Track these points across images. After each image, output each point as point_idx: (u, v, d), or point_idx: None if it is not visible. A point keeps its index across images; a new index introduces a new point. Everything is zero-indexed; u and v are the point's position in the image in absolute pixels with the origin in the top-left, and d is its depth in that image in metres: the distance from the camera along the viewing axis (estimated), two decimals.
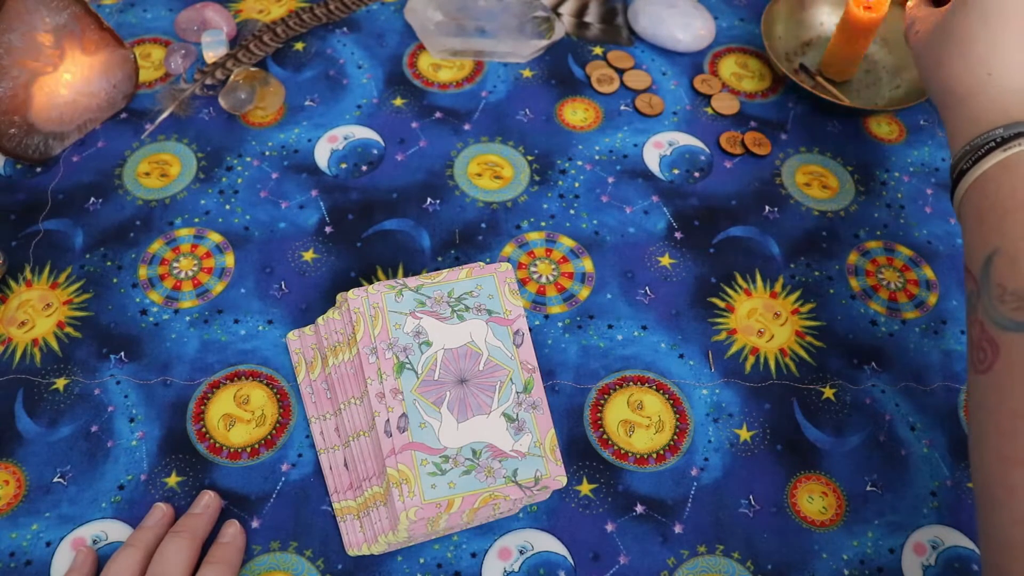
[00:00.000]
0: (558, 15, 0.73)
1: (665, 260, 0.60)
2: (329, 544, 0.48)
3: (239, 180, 0.62)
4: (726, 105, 0.69)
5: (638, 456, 0.52)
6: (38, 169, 0.62)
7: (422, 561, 0.48)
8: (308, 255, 0.59)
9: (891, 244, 0.62)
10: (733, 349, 0.56)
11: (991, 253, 0.43)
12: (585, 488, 0.51)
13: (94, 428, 0.51)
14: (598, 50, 0.72)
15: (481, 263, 0.53)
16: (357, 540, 0.48)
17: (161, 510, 0.48)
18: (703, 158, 0.66)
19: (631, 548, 0.49)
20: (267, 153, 0.64)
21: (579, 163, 0.64)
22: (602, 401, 0.54)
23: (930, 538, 0.50)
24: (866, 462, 0.52)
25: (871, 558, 0.49)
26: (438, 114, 0.67)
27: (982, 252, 0.43)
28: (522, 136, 0.66)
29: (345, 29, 0.72)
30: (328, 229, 0.60)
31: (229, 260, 0.58)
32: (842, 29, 0.67)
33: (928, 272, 0.61)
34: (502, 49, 0.70)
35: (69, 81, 0.61)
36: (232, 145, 0.64)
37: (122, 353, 0.54)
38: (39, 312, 0.55)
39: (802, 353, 0.56)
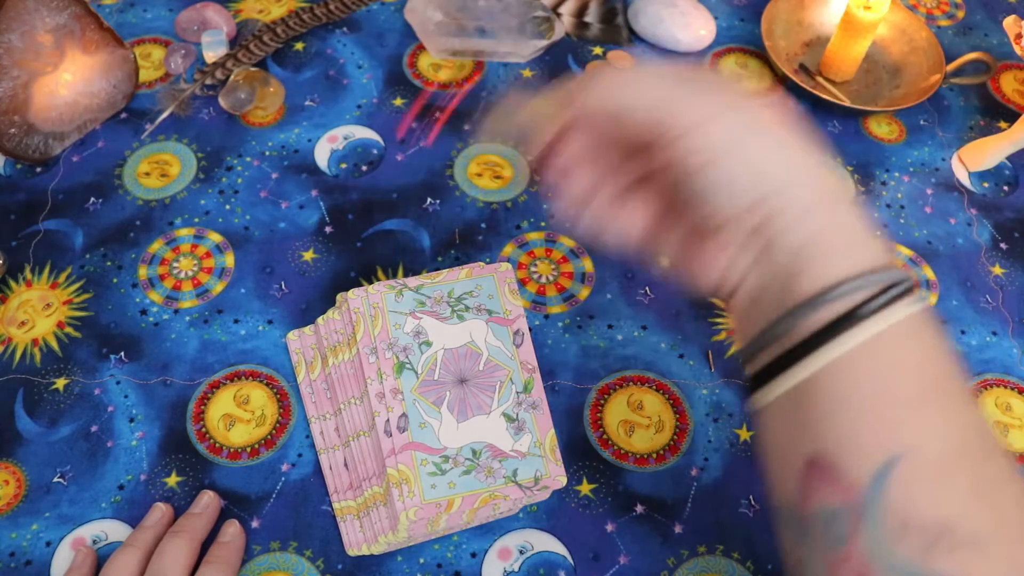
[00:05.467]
0: (558, 15, 0.73)
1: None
2: (329, 544, 0.48)
3: (239, 180, 0.62)
4: None
5: (638, 456, 0.52)
6: (38, 169, 0.62)
7: (422, 561, 0.48)
8: (308, 255, 0.59)
9: (891, 244, 0.62)
10: (733, 349, 0.56)
11: (889, 461, 0.31)
12: (585, 488, 0.51)
13: (94, 428, 0.51)
14: (598, 50, 0.72)
15: (481, 263, 0.53)
16: (357, 540, 0.48)
17: (161, 510, 0.47)
18: None
19: (631, 548, 0.49)
20: (267, 153, 0.64)
21: None
22: (602, 401, 0.54)
23: None
24: None
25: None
26: (438, 114, 0.67)
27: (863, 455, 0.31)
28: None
29: (345, 29, 0.72)
30: (328, 229, 0.60)
31: (229, 260, 0.58)
32: (842, 29, 0.67)
33: (928, 272, 0.61)
34: (502, 49, 0.70)
35: (69, 81, 0.61)
36: (232, 145, 0.64)
37: (122, 353, 0.54)
38: (39, 312, 0.55)
39: None
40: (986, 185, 0.66)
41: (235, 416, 0.52)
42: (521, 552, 0.48)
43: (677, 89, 0.34)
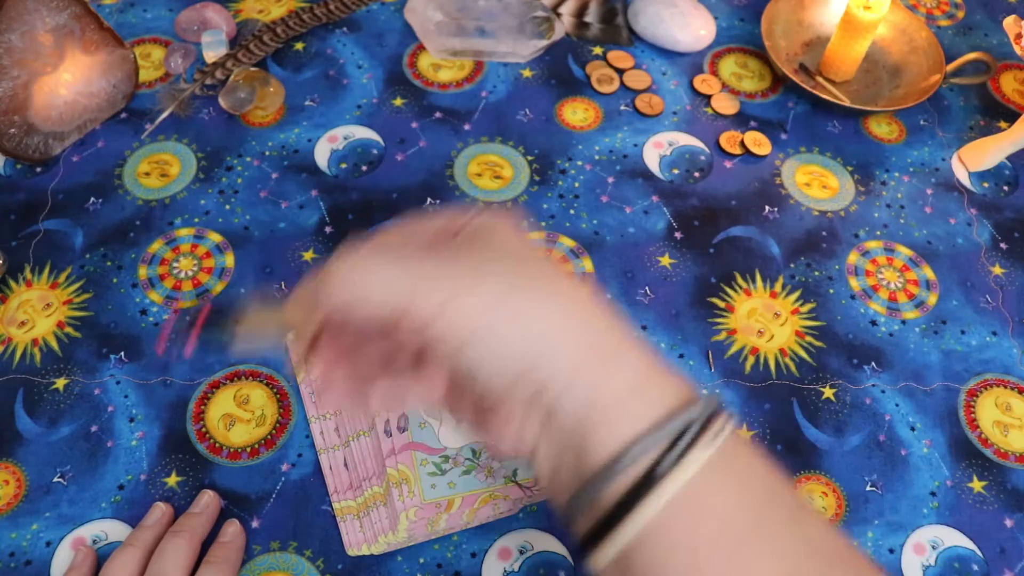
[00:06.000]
0: (558, 15, 0.73)
1: (665, 260, 0.60)
2: (329, 544, 0.48)
3: (239, 180, 0.62)
4: (726, 105, 0.69)
5: None
6: (38, 169, 0.62)
7: (422, 561, 0.48)
8: (308, 255, 0.59)
9: (891, 244, 0.62)
10: (733, 349, 0.56)
11: None
12: None
13: (94, 428, 0.51)
14: (598, 50, 0.72)
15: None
16: (357, 540, 0.48)
17: (161, 510, 0.47)
18: (703, 158, 0.66)
19: None
20: (267, 153, 0.64)
21: (579, 163, 0.64)
22: None
23: (930, 538, 0.50)
24: (866, 462, 0.52)
25: (871, 558, 0.49)
26: (438, 114, 0.67)
27: None
28: (522, 136, 0.66)
29: (345, 29, 0.72)
30: (328, 229, 0.60)
31: (229, 260, 0.58)
32: (842, 29, 0.67)
33: (928, 272, 0.61)
34: (502, 49, 0.70)
35: (69, 81, 0.61)
36: (232, 145, 0.64)
37: (122, 353, 0.54)
38: (39, 312, 0.55)
39: (802, 353, 0.56)
40: (986, 185, 0.66)
41: (235, 416, 0.52)
42: (521, 552, 0.48)
43: (420, 267, 0.32)
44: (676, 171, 0.65)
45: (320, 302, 0.33)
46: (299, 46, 0.70)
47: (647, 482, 0.30)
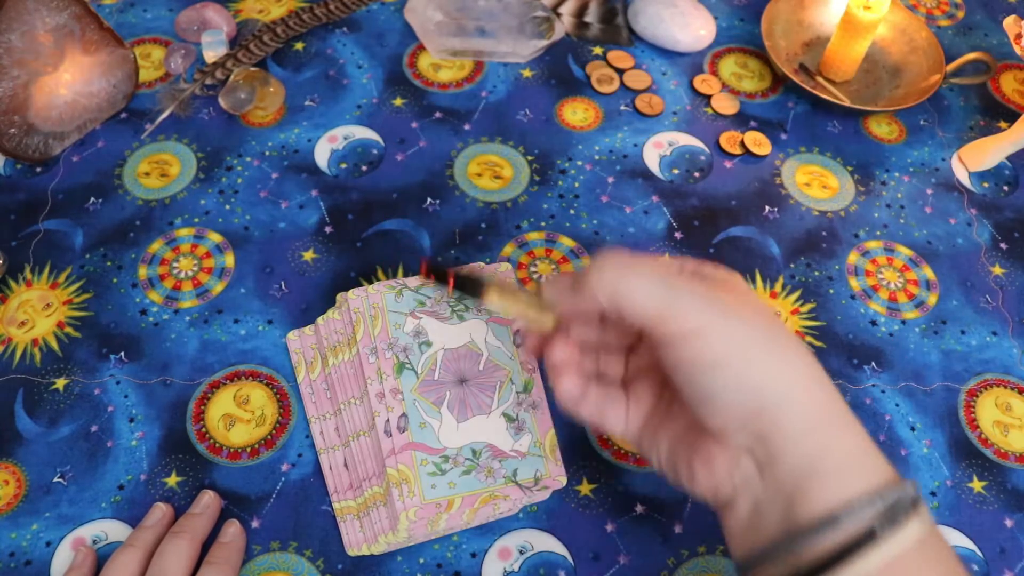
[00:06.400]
0: (558, 15, 0.73)
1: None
2: (329, 544, 0.48)
3: (239, 180, 0.62)
4: (726, 105, 0.69)
5: (638, 456, 0.52)
6: (38, 169, 0.62)
7: (422, 561, 0.48)
8: (308, 255, 0.59)
9: (891, 244, 0.62)
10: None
11: None
12: (585, 488, 0.51)
13: (94, 428, 0.51)
14: (598, 50, 0.72)
15: (481, 263, 0.53)
16: (357, 540, 0.48)
17: (161, 510, 0.47)
18: (703, 158, 0.66)
19: (631, 548, 0.49)
20: (267, 153, 0.64)
21: (579, 163, 0.64)
22: None
23: None
24: None
25: None
26: (438, 114, 0.67)
27: None
28: (522, 136, 0.66)
29: (345, 29, 0.72)
30: (328, 229, 0.60)
31: (229, 260, 0.58)
32: (842, 29, 0.67)
33: (928, 272, 0.61)
34: (502, 49, 0.70)
35: (69, 81, 0.61)
36: (232, 145, 0.64)
37: (122, 353, 0.54)
38: (39, 312, 0.55)
39: None
40: (986, 185, 0.66)
41: (235, 416, 0.52)
42: (521, 552, 0.48)
43: (683, 287, 0.34)
44: (676, 171, 0.65)
45: (587, 290, 0.36)
46: (299, 46, 0.70)
47: (865, 541, 0.31)
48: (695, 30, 0.71)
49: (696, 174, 0.65)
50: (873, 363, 0.56)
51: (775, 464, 0.34)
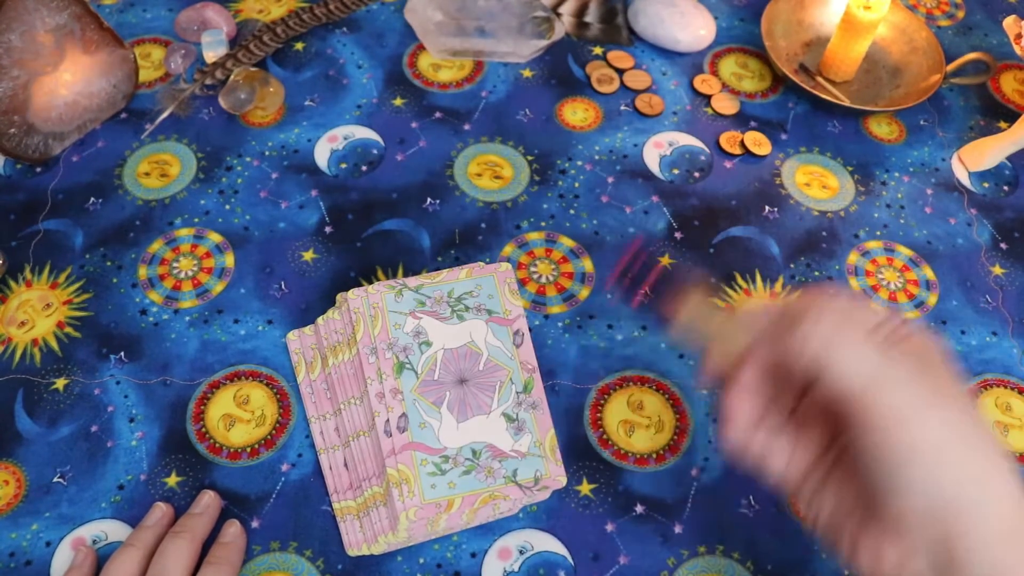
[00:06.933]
0: (558, 15, 0.73)
1: (665, 260, 0.60)
2: (329, 544, 0.48)
3: (239, 180, 0.62)
4: (726, 105, 0.69)
5: (638, 456, 0.52)
6: (38, 169, 0.62)
7: (422, 561, 0.48)
8: (308, 255, 0.59)
9: (891, 244, 0.62)
10: None
11: None
12: (585, 488, 0.51)
13: (94, 428, 0.51)
14: (598, 50, 0.72)
15: (481, 263, 0.53)
16: (357, 540, 0.48)
17: (161, 510, 0.47)
18: (703, 158, 0.66)
19: (631, 548, 0.49)
20: (267, 153, 0.64)
21: (579, 163, 0.64)
22: (602, 401, 0.54)
23: None
24: None
25: None
26: (438, 114, 0.67)
27: None
28: (522, 136, 0.66)
29: (345, 29, 0.72)
30: (328, 229, 0.60)
31: (229, 260, 0.58)
32: (842, 29, 0.67)
33: (928, 272, 0.61)
34: (502, 49, 0.70)
35: (69, 81, 0.61)
36: (232, 145, 0.64)
37: (122, 353, 0.54)
38: (39, 312, 0.55)
39: None
40: (986, 185, 0.66)
41: (235, 416, 0.52)
42: (521, 552, 0.48)
43: (891, 367, 0.33)
44: (676, 171, 0.65)
45: (795, 336, 0.35)
46: (299, 46, 0.70)
47: None
48: (695, 30, 0.71)
49: (696, 174, 0.65)
50: None
51: (957, 567, 0.32)
